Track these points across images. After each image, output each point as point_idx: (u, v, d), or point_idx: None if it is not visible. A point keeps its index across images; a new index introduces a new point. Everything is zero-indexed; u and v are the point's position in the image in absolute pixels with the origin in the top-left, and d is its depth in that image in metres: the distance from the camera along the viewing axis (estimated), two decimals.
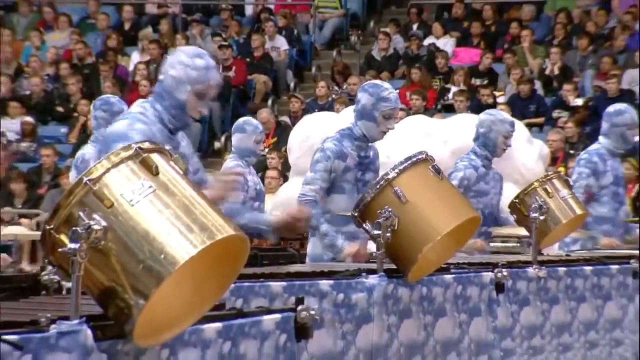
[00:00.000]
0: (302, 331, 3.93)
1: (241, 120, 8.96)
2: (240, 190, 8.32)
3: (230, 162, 8.62)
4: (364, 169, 6.39)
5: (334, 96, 15.89)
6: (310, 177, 6.30)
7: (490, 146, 7.66)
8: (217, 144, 16.23)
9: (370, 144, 6.42)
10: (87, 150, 7.89)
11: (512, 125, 7.88)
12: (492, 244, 7.88)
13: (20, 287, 4.15)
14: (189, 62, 4.88)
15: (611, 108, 8.51)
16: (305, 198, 6.21)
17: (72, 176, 7.99)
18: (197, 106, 4.90)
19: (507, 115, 8.16)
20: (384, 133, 6.38)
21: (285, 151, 12.60)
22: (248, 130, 8.63)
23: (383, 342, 4.89)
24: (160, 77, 4.96)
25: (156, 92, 4.97)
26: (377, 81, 7.28)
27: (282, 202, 11.14)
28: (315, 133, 11.02)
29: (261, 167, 13.21)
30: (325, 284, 4.79)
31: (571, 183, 7.93)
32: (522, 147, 11.14)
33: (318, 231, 6.22)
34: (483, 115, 7.93)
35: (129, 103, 14.87)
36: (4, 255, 6.23)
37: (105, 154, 4.56)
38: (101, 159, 3.32)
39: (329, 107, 15.09)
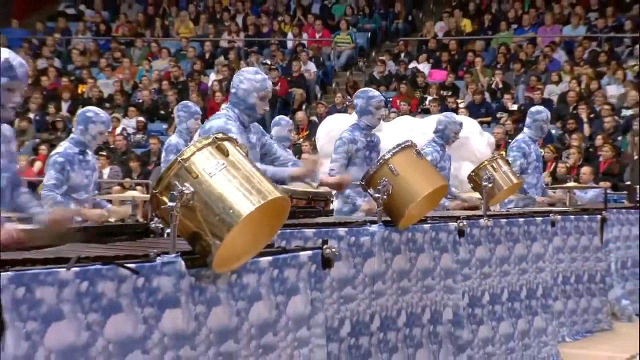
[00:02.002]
0: (326, 263, 3.93)
1: (277, 117, 9.06)
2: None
3: None
4: (370, 149, 6.46)
5: (347, 103, 15.87)
6: (334, 157, 6.38)
7: (445, 138, 7.78)
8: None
9: (373, 132, 6.47)
10: (173, 138, 7.89)
11: (461, 125, 7.96)
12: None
13: (136, 232, 4.16)
14: (253, 78, 5.00)
15: (533, 109, 8.53)
16: (332, 172, 6.28)
17: (162, 156, 8.01)
18: (262, 106, 4.99)
19: (458, 118, 8.25)
20: (379, 119, 6.53)
21: (314, 140, 12.59)
22: (282, 123, 8.70)
23: (382, 270, 4.89)
24: (233, 90, 5.02)
25: (232, 101, 5.03)
26: (364, 88, 7.28)
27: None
28: (335, 128, 11.01)
29: (298, 151, 13.23)
30: (342, 230, 4.79)
31: (510, 162, 7.93)
32: (476, 138, 11.11)
33: (342, 194, 6.27)
34: (441, 117, 8.03)
35: (208, 109, 14.93)
36: (98, 211, 6.22)
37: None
38: (190, 145, 3.33)
39: (343, 110, 15.09)
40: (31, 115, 17.22)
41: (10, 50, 3.77)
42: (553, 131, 14.32)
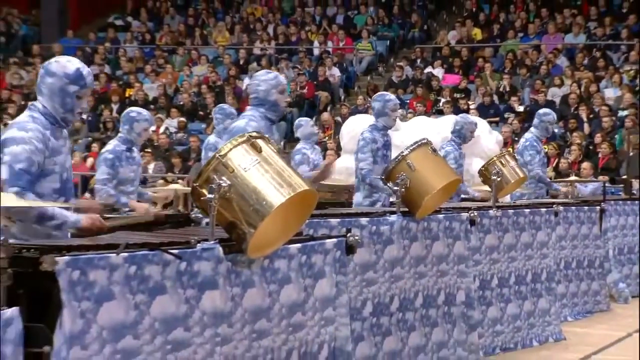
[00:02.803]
0: (350, 249, 3.93)
1: (297, 120, 9.17)
2: (306, 165, 8.36)
3: (300, 144, 8.74)
4: (386, 149, 6.42)
5: (368, 105, 15.81)
6: (362, 157, 6.29)
7: (462, 137, 7.74)
8: (296, 134, 16.26)
9: (387, 132, 6.44)
10: (211, 138, 7.90)
11: (476, 125, 7.93)
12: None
13: (179, 221, 4.17)
14: (267, 77, 4.86)
15: (541, 111, 8.46)
16: (364, 170, 6.24)
17: (203, 154, 8.04)
18: (282, 99, 4.88)
19: (473, 118, 8.23)
20: (395, 120, 6.50)
21: (339, 138, 12.57)
22: (303, 123, 8.85)
23: (400, 256, 4.88)
24: (253, 95, 4.88)
25: (254, 103, 4.88)
26: (381, 92, 7.26)
27: (336, 170, 11.13)
28: (357, 127, 10.99)
29: (324, 148, 13.22)
30: (364, 220, 4.77)
31: (527, 159, 7.92)
32: (486, 136, 11.05)
33: (378, 187, 6.17)
34: (458, 118, 7.99)
35: (242, 110, 14.93)
36: (145, 205, 6.24)
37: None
38: (226, 142, 3.32)
39: (364, 111, 15.02)
40: (84, 116, 17.32)
41: (78, 60, 3.74)
42: (556, 130, 14.20)
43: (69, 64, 3.62)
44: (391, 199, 6.22)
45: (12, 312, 2.38)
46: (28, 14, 21.86)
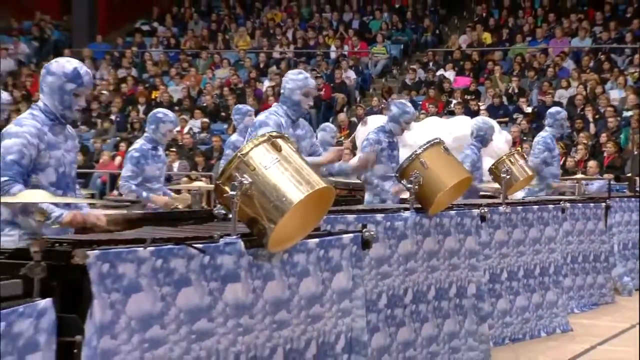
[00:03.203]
0: (365, 244, 3.92)
1: (323, 124, 9.11)
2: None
3: None
4: (392, 149, 6.42)
5: (382, 106, 15.79)
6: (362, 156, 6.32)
7: (484, 142, 7.67)
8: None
9: (393, 135, 6.45)
10: (234, 137, 7.92)
11: (494, 129, 7.87)
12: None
13: (202, 217, 4.18)
14: (296, 77, 4.91)
15: (552, 110, 8.44)
16: None
17: (225, 153, 8.05)
18: (305, 102, 4.89)
19: (495, 123, 8.16)
20: (402, 130, 6.45)
21: (354, 137, 12.56)
22: (327, 130, 8.75)
23: (414, 251, 4.86)
24: (282, 91, 4.94)
25: (281, 99, 4.96)
26: (403, 100, 7.26)
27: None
28: (371, 128, 10.96)
29: None
30: (379, 216, 4.76)
31: (534, 153, 7.93)
32: (495, 136, 10.92)
33: (372, 184, 6.23)
34: (481, 124, 7.79)
35: (262, 110, 14.95)
36: (166, 198, 6.27)
37: (254, 134, 4.66)
38: (247, 141, 3.33)
39: (379, 112, 15.00)
40: (113, 117, 17.42)
41: (77, 60, 3.79)
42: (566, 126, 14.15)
43: (67, 64, 3.68)
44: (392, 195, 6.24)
45: (45, 302, 2.40)
46: (60, 20, 21.98)
